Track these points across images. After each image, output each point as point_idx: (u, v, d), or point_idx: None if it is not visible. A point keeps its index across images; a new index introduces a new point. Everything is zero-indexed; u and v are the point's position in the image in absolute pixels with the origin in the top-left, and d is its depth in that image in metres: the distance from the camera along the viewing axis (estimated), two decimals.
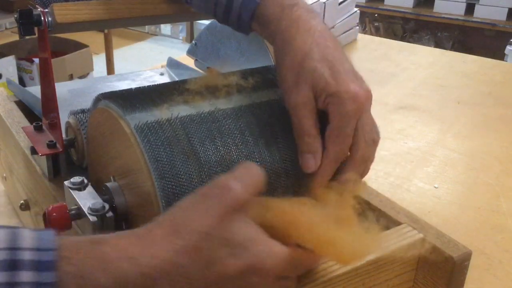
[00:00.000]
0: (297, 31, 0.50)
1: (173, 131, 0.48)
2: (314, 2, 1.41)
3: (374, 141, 0.50)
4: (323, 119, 0.49)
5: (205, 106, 0.51)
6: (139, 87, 0.54)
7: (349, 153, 0.49)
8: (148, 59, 4.01)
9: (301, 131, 0.49)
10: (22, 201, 0.73)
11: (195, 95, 0.52)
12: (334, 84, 0.47)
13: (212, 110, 0.51)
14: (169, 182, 0.45)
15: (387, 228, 0.54)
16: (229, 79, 0.56)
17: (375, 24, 4.12)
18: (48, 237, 0.35)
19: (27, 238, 0.34)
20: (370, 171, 0.51)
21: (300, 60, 0.49)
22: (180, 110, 0.50)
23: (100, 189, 0.53)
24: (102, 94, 0.54)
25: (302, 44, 0.49)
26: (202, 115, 0.50)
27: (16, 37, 3.00)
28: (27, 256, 0.33)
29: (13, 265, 0.33)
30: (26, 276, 0.33)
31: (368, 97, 0.49)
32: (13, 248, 0.33)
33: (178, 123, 0.48)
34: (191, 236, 0.37)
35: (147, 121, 0.48)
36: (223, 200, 0.39)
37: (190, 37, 4.25)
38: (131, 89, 0.54)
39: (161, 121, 0.48)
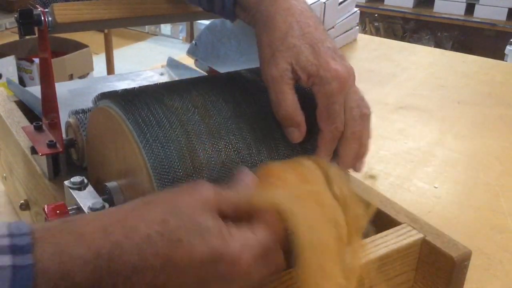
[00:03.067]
0: (276, 11, 0.50)
1: (172, 129, 0.48)
2: (314, 2, 1.41)
3: (362, 115, 0.49)
4: (309, 95, 0.49)
5: (203, 104, 0.51)
6: (139, 87, 0.54)
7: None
8: (148, 59, 4.01)
9: (280, 106, 0.48)
10: (22, 201, 0.73)
11: (193, 94, 0.52)
12: (315, 63, 0.47)
13: (211, 109, 0.51)
14: (168, 181, 0.45)
15: (387, 228, 0.54)
16: (233, 78, 0.56)
17: (375, 24, 4.12)
18: (21, 225, 0.35)
19: (1, 227, 0.35)
20: (370, 170, 0.51)
21: (279, 37, 0.49)
22: (179, 109, 0.50)
23: (100, 188, 0.53)
24: (101, 93, 0.54)
25: (282, 22, 0.49)
26: (201, 114, 0.50)
27: (16, 37, 3.00)
28: (2, 242, 0.33)
29: None
30: (4, 260, 0.33)
31: (350, 73, 0.48)
32: None
33: (177, 122, 0.48)
34: (161, 209, 0.37)
35: (146, 120, 0.48)
36: (195, 195, 0.39)
37: (190, 37, 4.25)
38: (130, 88, 0.54)
39: (160, 120, 0.48)
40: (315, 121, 0.49)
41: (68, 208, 0.51)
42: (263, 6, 0.51)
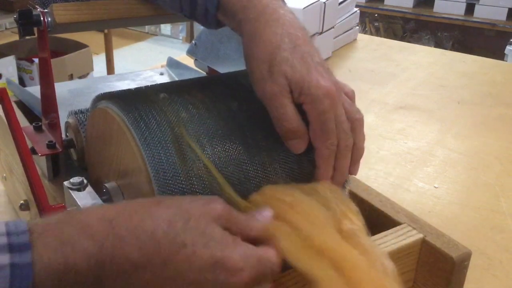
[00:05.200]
0: (266, 22, 0.49)
1: (171, 130, 0.48)
2: (314, 2, 1.41)
3: (354, 122, 0.49)
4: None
5: (203, 105, 0.51)
6: (138, 87, 0.54)
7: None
8: (148, 59, 4.01)
9: (283, 120, 0.48)
10: (22, 201, 0.73)
11: (193, 95, 0.52)
12: (307, 80, 0.47)
13: (211, 109, 0.51)
14: (167, 182, 0.45)
15: (387, 228, 0.54)
16: (231, 79, 0.56)
17: (375, 24, 4.12)
18: (19, 223, 0.35)
19: None
20: (370, 170, 0.51)
21: (271, 51, 0.48)
22: (179, 110, 0.50)
23: (99, 189, 0.53)
24: (101, 94, 0.54)
25: (273, 35, 0.48)
26: (201, 114, 0.50)
27: (16, 37, 3.00)
28: (0, 240, 0.34)
29: None
30: (2, 259, 0.33)
31: (338, 88, 0.48)
32: None
33: (177, 122, 0.48)
34: (171, 211, 0.38)
35: (145, 120, 0.48)
36: (207, 206, 0.40)
37: (190, 37, 4.25)
38: (130, 89, 0.54)
39: (160, 121, 0.48)
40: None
41: (68, 209, 0.51)
42: (250, 16, 0.50)
